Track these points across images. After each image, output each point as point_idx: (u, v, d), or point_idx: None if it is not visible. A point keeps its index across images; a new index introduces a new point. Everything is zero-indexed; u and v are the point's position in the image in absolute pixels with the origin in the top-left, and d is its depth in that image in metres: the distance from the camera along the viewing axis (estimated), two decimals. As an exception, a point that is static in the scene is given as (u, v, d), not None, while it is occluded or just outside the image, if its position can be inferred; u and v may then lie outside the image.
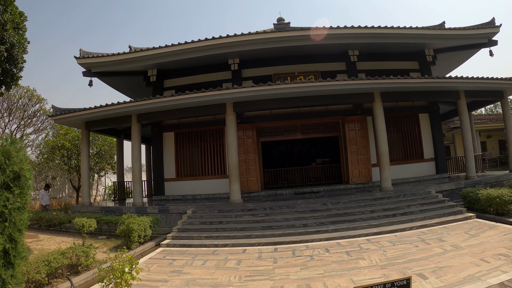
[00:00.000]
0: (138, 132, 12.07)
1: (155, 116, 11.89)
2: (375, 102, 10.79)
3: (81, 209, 12.07)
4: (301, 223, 7.83)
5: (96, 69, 13.60)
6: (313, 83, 9.65)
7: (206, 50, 12.50)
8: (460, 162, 15.20)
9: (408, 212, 8.33)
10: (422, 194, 9.68)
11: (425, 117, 13.94)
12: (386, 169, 10.41)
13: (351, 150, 12.48)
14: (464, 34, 13.11)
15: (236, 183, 10.45)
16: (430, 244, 6.25)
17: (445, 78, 10.98)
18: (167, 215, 10.79)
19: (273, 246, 6.91)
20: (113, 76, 14.53)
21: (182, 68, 14.34)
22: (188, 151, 13.90)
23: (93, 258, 6.66)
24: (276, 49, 12.76)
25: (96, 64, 13.38)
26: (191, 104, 10.87)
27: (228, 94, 10.11)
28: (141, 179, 12.44)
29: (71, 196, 20.03)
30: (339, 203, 8.94)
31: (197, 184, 13.54)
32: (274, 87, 9.76)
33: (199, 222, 8.95)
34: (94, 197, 21.52)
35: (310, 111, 12.97)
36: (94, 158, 20.30)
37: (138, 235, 8.33)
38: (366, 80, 9.94)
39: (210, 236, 7.94)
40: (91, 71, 13.70)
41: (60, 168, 18.64)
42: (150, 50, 12.83)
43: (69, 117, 12.09)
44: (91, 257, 6.57)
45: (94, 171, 20.61)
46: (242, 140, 12.72)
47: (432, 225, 7.77)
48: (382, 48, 13.54)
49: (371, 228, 7.40)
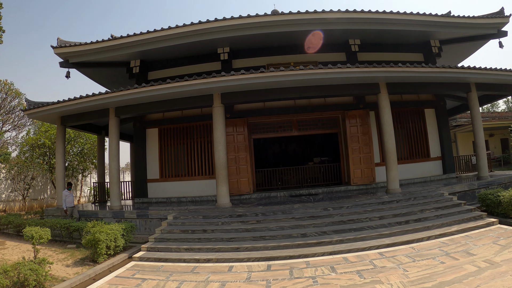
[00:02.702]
0: (116, 127, 10.83)
1: (135, 109, 10.62)
2: (380, 94, 9.65)
3: (55, 212, 10.95)
4: (299, 232, 6.60)
5: (74, 59, 12.38)
6: (311, 70, 8.45)
7: (193, 36, 11.25)
8: (462, 161, 14.29)
9: (423, 218, 7.17)
10: (434, 197, 8.55)
11: (431, 113, 12.87)
12: (393, 169, 9.26)
13: (353, 148, 11.31)
14: (473, 23, 12.13)
15: (224, 184, 9.20)
16: (458, 260, 5.08)
17: (457, 68, 9.89)
18: (146, 220, 9.60)
19: (266, 263, 5.66)
20: (93, 67, 13.31)
21: (167, 58, 13.11)
22: (173, 149, 12.63)
23: (45, 278, 5.37)
24: (269, 37, 11.57)
25: (74, 53, 12.17)
26: (174, 95, 9.65)
27: (215, 82, 8.87)
28: (119, 179, 11.16)
29: (54, 198, 18.79)
30: (342, 207, 7.74)
31: (183, 186, 12.28)
32: (267, 74, 8.55)
33: (180, 230, 7.68)
34: (78, 198, 20.41)
35: (307, 105, 11.78)
36: (76, 157, 19.33)
37: (107, 246, 7.10)
38: (371, 68, 8.78)
39: (191, 248, 6.67)
40: (69, 61, 12.48)
41: (40, 168, 17.35)
42: (132, 36, 11.56)
43: (42, 111, 10.94)
44: (43, 276, 5.29)
45: (77, 171, 19.64)
46: (232, 136, 11.47)
47: (452, 233, 6.63)
48: (385, 38, 12.44)
49: (383, 238, 6.22)
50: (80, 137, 19.15)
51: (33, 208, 16.40)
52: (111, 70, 14.16)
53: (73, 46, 12.10)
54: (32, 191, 17.10)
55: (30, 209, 16.06)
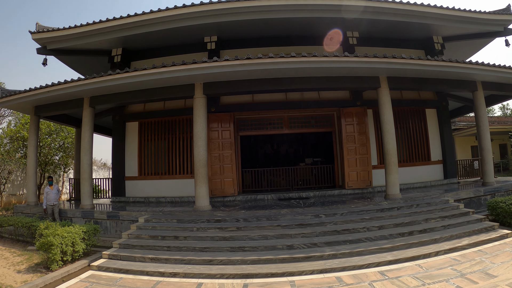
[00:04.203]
0: (90, 119, 9.88)
1: (110, 99, 9.66)
2: (380, 88, 8.73)
3: (24, 209, 10.20)
4: (285, 243, 5.58)
5: (53, 45, 11.45)
6: (305, 57, 7.49)
7: (177, 21, 10.28)
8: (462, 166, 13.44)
9: (429, 229, 6.23)
10: (439, 204, 7.63)
11: (433, 113, 12.00)
12: (393, 172, 8.32)
13: (348, 149, 10.36)
14: (478, 19, 11.36)
15: (203, 184, 8.15)
16: (478, 283, 4.14)
17: (464, 62, 9.00)
18: (117, 222, 8.66)
19: (242, 281, 4.62)
20: (73, 54, 12.32)
21: (150, 48, 12.10)
22: (153, 145, 11.58)
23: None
24: (260, 26, 10.67)
25: (53, 39, 11.25)
26: (152, 83, 8.68)
27: (197, 69, 7.84)
28: (91, 175, 10.15)
29: None
30: (335, 214, 6.75)
31: (163, 185, 11.23)
32: (254, 61, 7.55)
33: (148, 235, 6.63)
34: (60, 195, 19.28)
35: (300, 100, 10.81)
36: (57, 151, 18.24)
37: (62, 251, 6.15)
38: (372, 58, 7.84)
39: (157, 258, 5.62)
40: (47, 48, 11.55)
41: (15, 162, 16.28)
42: (113, 20, 10.61)
43: (14, 100, 10.11)
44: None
45: (58, 166, 18.70)
46: (217, 132, 10.44)
47: (463, 247, 5.70)
48: (385, 31, 11.58)
49: (384, 253, 5.25)
50: (62, 131, 18.08)
51: (11, 204, 15.37)
52: (92, 59, 13.19)
53: (52, 31, 11.17)
54: (10, 186, 16.19)
55: (8, 204, 15.16)
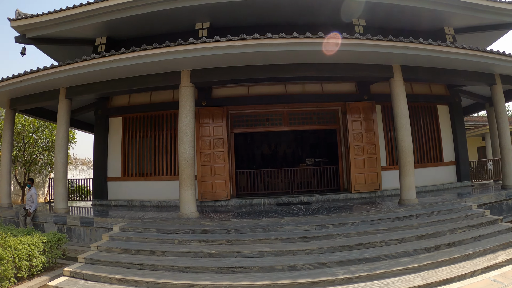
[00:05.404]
0: (66, 111, 8.91)
1: (89, 89, 8.63)
2: (394, 78, 7.68)
3: None
4: (286, 262, 4.46)
5: (32, 33, 10.49)
6: (310, 38, 6.38)
7: (165, 2, 9.25)
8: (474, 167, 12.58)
9: (457, 242, 5.16)
10: (461, 210, 6.59)
11: (445, 110, 10.99)
12: (409, 173, 7.23)
13: (355, 148, 9.29)
14: (495, 8, 10.41)
15: (189, 187, 7.02)
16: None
17: (487, 51, 7.98)
18: (91, 229, 7.67)
19: (231, 316, 3.56)
20: (54, 43, 11.28)
21: (137, 37, 10.98)
22: (139, 142, 10.49)
23: None
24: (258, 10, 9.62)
25: (32, 26, 10.29)
26: (134, 71, 7.68)
27: (183, 52, 6.77)
28: (66, 176, 9.07)
29: (17, 194, 16.94)
30: (345, 224, 5.66)
31: (148, 187, 10.12)
32: (249, 42, 6.48)
33: (121, 249, 5.50)
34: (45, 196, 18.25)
35: (301, 93, 9.72)
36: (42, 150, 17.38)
37: (16, 266, 5.13)
38: (386, 42, 6.75)
39: (125, 279, 4.50)
40: (26, 36, 10.60)
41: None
42: (94, 3, 9.61)
43: None
44: None
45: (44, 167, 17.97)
46: (208, 128, 9.32)
47: (501, 265, 4.65)
48: (394, 20, 10.56)
49: (410, 274, 4.16)
50: (47, 128, 17.00)
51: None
52: (76, 49, 12.07)
53: (31, 18, 10.19)
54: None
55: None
